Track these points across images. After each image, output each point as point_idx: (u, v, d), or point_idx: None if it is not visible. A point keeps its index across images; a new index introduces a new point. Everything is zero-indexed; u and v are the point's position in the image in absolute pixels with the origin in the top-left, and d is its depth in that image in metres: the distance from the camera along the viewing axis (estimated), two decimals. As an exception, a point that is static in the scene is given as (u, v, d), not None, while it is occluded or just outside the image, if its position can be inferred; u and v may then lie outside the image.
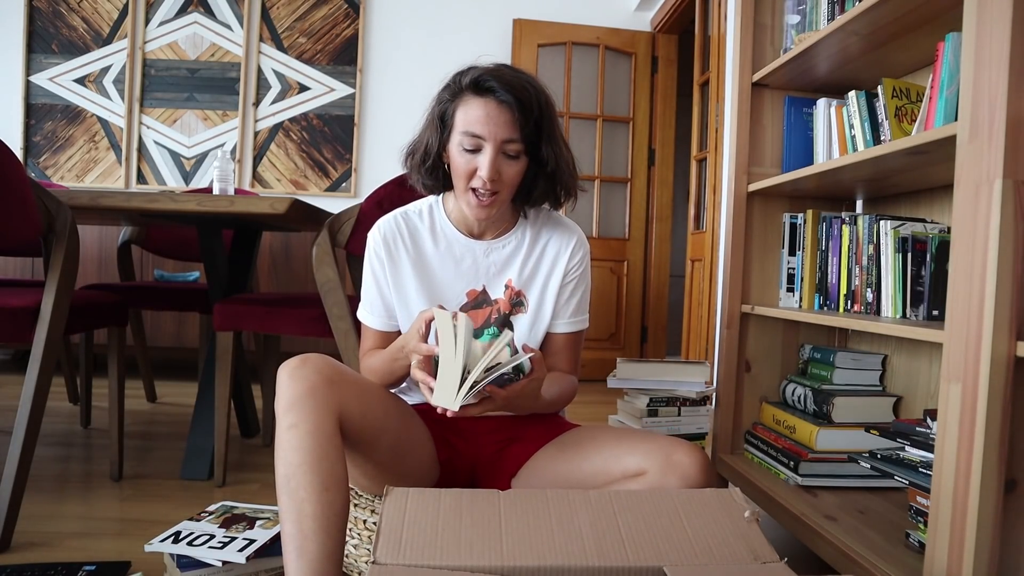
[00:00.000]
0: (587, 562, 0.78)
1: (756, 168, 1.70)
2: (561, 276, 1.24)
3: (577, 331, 1.28)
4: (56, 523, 1.55)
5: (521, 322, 1.23)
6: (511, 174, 1.13)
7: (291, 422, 0.98)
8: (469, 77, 1.10)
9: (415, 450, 1.17)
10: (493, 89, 1.08)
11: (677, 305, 4.63)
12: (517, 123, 1.09)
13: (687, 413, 1.66)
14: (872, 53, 1.45)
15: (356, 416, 1.05)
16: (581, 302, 1.28)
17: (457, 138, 1.11)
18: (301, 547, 0.93)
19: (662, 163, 4.09)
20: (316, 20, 3.99)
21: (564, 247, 1.25)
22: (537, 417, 1.28)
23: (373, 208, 1.77)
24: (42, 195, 1.52)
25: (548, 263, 1.25)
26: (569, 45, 3.98)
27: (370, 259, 1.25)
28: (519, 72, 1.12)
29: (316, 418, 0.98)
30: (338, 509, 0.96)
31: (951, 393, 0.94)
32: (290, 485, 0.95)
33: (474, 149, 1.10)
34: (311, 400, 0.98)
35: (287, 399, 0.99)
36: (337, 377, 1.03)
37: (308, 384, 0.99)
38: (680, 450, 1.04)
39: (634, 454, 1.07)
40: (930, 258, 1.26)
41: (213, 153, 3.95)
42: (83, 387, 2.40)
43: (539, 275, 1.25)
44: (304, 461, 0.95)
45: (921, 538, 1.12)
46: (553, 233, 1.26)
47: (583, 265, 1.26)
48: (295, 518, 0.94)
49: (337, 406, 1.01)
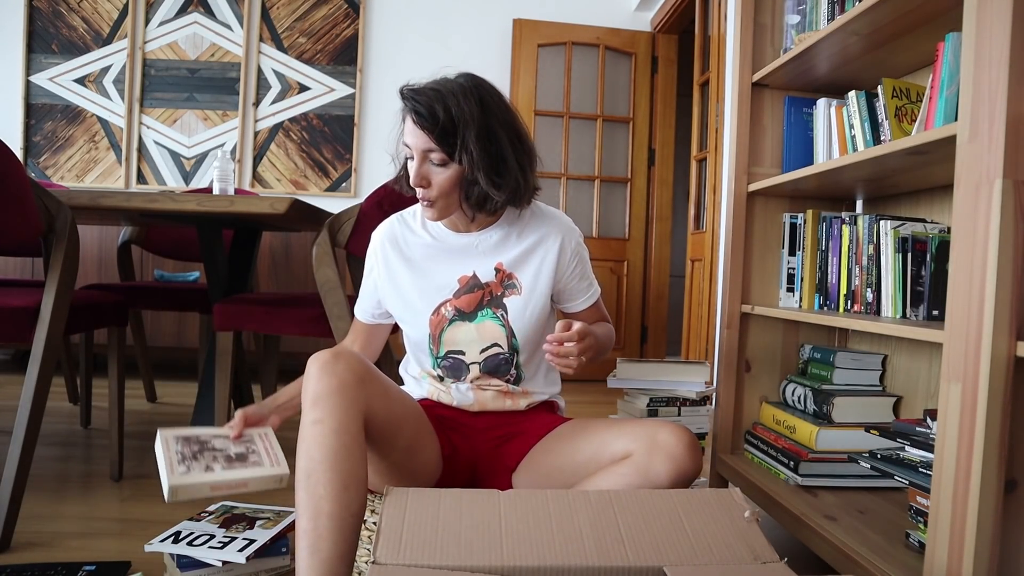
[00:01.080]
0: (587, 562, 0.78)
1: (756, 168, 1.70)
2: (554, 264, 1.26)
3: (596, 300, 1.35)
4: (56, 523, 1.55)
5: (515, 303, 1.25)
6: (440, 180, 1.15)
7: (317, 417, 0.98)
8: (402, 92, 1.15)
9: (425, 449, 1.18)
10: (410, 108, 1.13)
11: (677, 305, 4.63)
12: (431, 134, 1.12)
13: (687, 413, 1.65)
14: (872, 53, 1.45)
15: (380, 416, 1.06)
16: (587, 276, 1.33)
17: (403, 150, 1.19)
18: (315, 545, 0.93)
19: (662, 163, 4.10)
20: (316, 20, 3.99)
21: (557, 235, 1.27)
22: (532, 412, 1.30)
23: (373, 208, 1.77)
24: (42, 195, 1.52)
25: (541, 250, 1.26)
26: (569, 45, 3.98)
27: (368, 258, 1.34)
28: (440, 83, 1.15)
29: (342, 416, 0.98)
30: (355, 510, 0.96)
31: (951, 393, 0.94)
32: (310, 481, 0.95)
33: (411, 158, 1.16)
34: (339, 397, 0.99)
35: (315, 392, 0.99)
36: (368, 376, 1.04)
37: (338, 381, 0.99)
38: (665, 430, 1.07)
39: (621, 438, 1.10)
40: (930, 258, 1.26)
41: (213, 153, 3.95)
42: (83, 387, 2.39)
43: (531, 259, 1.26)
44: (326, 458, 0.96)
45: (921, 538, 1.12)
46: (543, 222, 1.28)
47: (579, 247, 1.30)
48: (312, 515, 0.94)
49: (364, 406, 1.01)
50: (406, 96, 1.14)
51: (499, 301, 1.24)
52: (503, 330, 1.24)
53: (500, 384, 1.26)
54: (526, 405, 1.29)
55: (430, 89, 1.14)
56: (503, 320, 1.24)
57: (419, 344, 1.26)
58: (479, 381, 1.26)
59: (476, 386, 1.26)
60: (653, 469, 1.04)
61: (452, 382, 1.27)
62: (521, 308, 1.24)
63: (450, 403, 1.27)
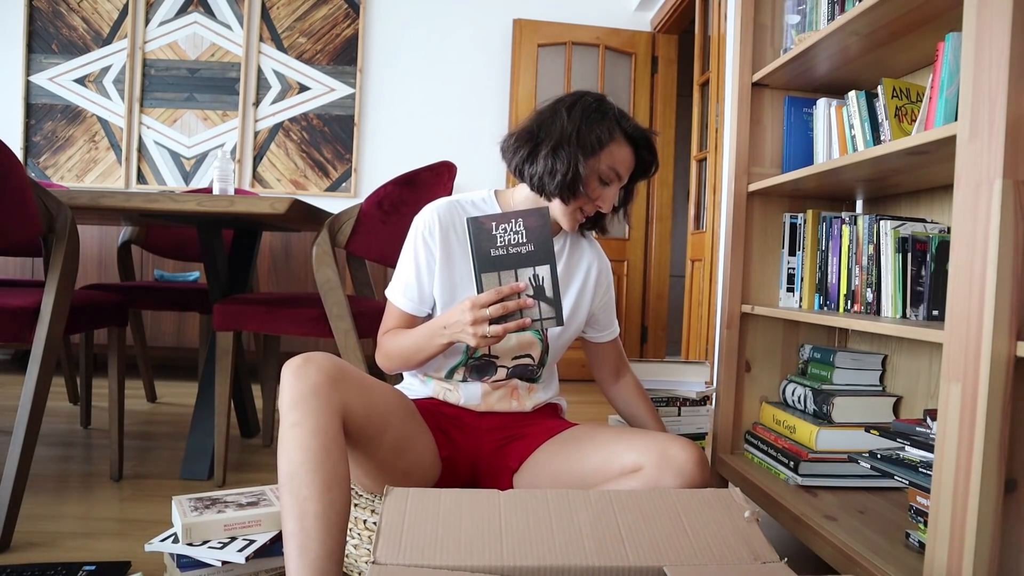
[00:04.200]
0: (587, 562, 0.78)
1: (756, 168, 1.70)
2: (592, 293, 1.34)
3: (617, 336, 1.45)
4: (56, 523, 1.55)
5: None
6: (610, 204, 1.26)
7: (294, 420, 0.98)
8: (631, 125, 1.23)
9: (417, 448, 1.18)
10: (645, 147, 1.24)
11: (677, 305, 4.63)
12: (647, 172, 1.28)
13: (687, 413, 1.65)
14: (872, 53, 1.45)
15: (359, 415, 1.05)
16: (613, 310, 1.43)
17: (600, 168, 1.20)
18: (303, 545, 0.93)
19: (662, 163, 4.06)
20: (316, 20, 3.99)
21: (596, 266, 1.35)
22: (538, 415, 1.30)
23: (373, 208, 1.77)
24: (42, 195, 1.52)
25: (582, 274, 1.33)
26: (569, 45, 3.98)
27: (416, 241, 1.25)
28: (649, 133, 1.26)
29: (319, 417, 0.98)
30: (340, 508, 0.96)
31: (951, 393, 0.94)
32: (293, 483, 0.96)
33: (607, 182, 1.22)
34: (314, 399, 0.99)
35: (290, 397, 0.99)
36: (341, 375, 1.03)
37: (311, 383, 0.99)
38: (676, 445, 1.06)
39: (631, 450, 1.09)
40: (930, 258, 1.26)
41: (213, 153, 3.95)
42: (83, 387, 2.39)
43: (574, 282, 1.32)
44: (307, 460, 0.96)
45: (921, 538, 1.12)
46: (588, 250, 1.36)
47: (610, 284, 1.40)
48: (297, 516, 0.94)
49: (340, 405, 1.01)
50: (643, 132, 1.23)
51: None
52: (540, 345, 1.28)
53: (512, 381, 1.28)
54: (532, 407, 1.30)
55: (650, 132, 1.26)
56: (543, 335, 1.27)
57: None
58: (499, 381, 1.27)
59: (492, 386, 1.26)
60: (663, 485, 1.04)
61: (461, 381, 1.27)
62: (558, 331, 1.28)
63: (456, 402, 1.26)
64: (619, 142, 1.21)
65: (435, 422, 1.24)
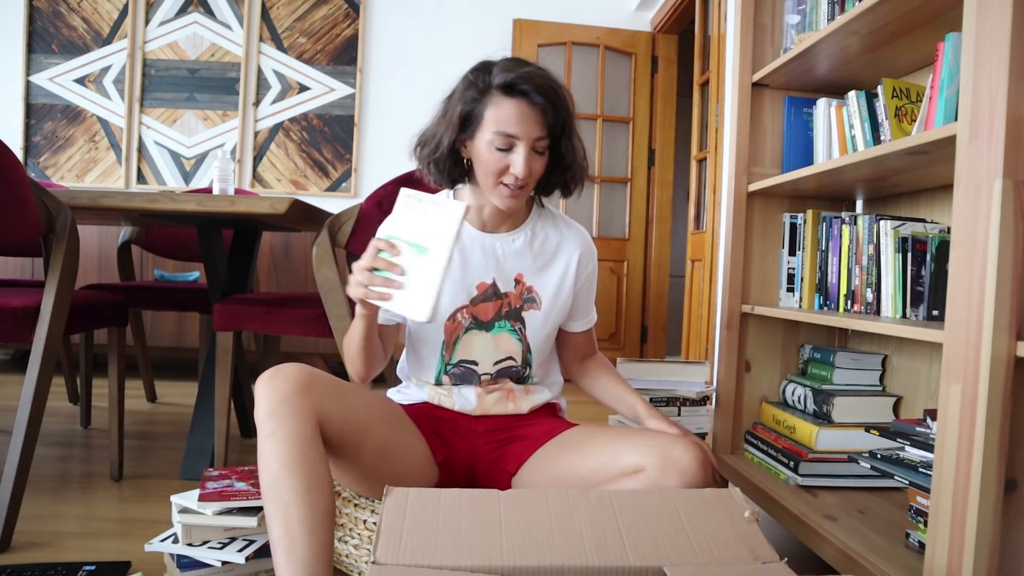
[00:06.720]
0: (587, 562, 0.78)
1: (756, 168, 1.70)
2: (573, 280, 1.27)
3: (592, 326, 1.38)
4: (56, 523, 1.55)
5: (534, 317, 1.24)
6: (538, 168, 1.15)
7: (269, 431, 0.98)
8: (500, 79, 1.10)
9: (405, 453, 1.16)
10: (527, 92, 1.10)
11: (677, 305, 4.62)
12: (547, 123, 1.12)
13: (687, 413, 1.65)
14: (872, 53, 1.45)
15: (336, 419, 1.05)
16: (592, 299, 1.35)
17: (488, 136, 1.11)
18: (290, 550, 0.93)
19: (662, 163, 4.10)
20: (316, 20, 3.99)
21: (576, 250, 1.28)
22: (535, 416, 1.28)
23: (373, 208, 1.77)
24: (42, 195, 1.52)
25: (562, 264, 1.27)
26: (569, 45, 3.98)
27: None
28: (543, 71, 1.13)
29: (293, 424, 0.98)
30: (323, 510, 0.96)
31: (951, 393, 0.93)
32: (273, 491, 0.96)
33: (506, 148, 1.11)
34: (286, 407, 0.99)
35: (264, 410, 0.99)
36: (312, 382, 1.03)
37: (282, 393, 1.00)
38: (679, 446, 1.05)
39: (633, 452, 1.07)
40: (930, 258, 1.26)
41: (213, 153, 3.95)
42: (83, 387, 2.39)
43: (552, 273, 1.26)
44: (285, 466, 0.96)
45: (921, 538, 1.12)
46: (564, 234, 1.29)
47: (594, 269, 1.32)
48: (281, 521, 0.94)
49: (313, 410, 1.01)
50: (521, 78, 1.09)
51: (517, 314, 1.23)
52: (519, 344, 1.24)
53: (507, 383, 1.26)
54: (528, 408, 1.28)
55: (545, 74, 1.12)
56: (520, 335, 1.24)
57: (431, 346, 1.23)
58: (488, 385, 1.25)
59: (483, 389, 1.25)
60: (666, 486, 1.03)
61: (453, 385, 1.26)
62: (540, 324, 1.24)
63: (451, 407, 1.26)
64: (497, 101, 1.10)
65: (430, 426, 1.23)
